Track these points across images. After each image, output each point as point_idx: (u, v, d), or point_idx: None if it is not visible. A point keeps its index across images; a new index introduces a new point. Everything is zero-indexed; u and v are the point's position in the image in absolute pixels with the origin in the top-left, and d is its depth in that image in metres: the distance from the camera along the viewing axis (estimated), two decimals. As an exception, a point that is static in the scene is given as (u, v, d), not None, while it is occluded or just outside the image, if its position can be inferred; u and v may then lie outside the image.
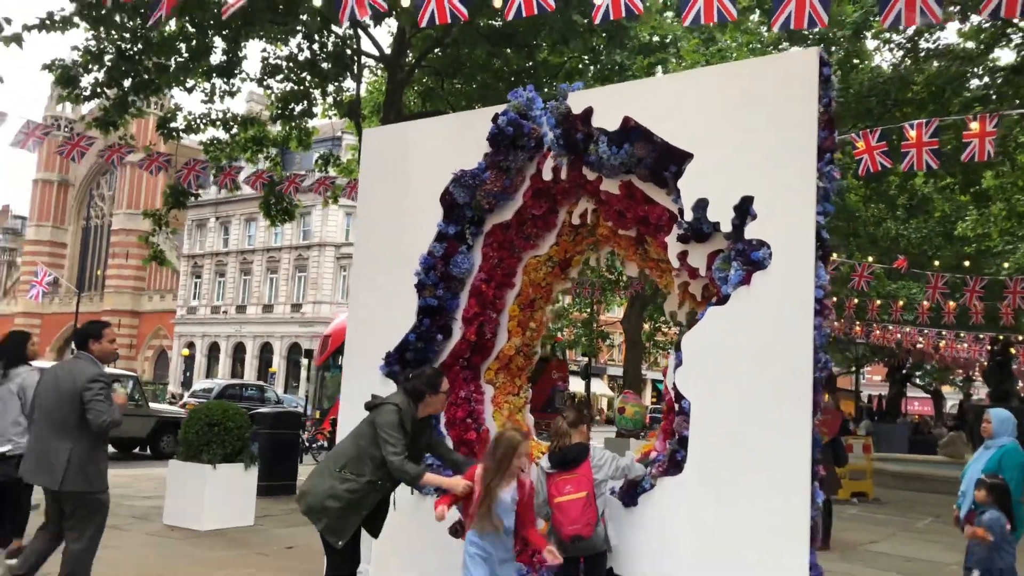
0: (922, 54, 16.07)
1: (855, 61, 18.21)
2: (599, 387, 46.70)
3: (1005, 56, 15.45)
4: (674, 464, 4.45)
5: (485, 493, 4.06)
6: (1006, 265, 19.00)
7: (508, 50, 13.77)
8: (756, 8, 16.20)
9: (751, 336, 4.24)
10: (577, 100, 5.04)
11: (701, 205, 4.48)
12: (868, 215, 22.16)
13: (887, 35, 17.43)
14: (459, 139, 5.53)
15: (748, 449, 4.16)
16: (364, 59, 14.62)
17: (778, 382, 4.14)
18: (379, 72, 16.70)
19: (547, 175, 5.30)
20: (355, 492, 4.36)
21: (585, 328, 27.10)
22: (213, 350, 49.97)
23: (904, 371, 39.13)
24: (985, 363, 21.15)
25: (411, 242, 5.58)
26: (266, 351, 47.24)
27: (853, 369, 38.21)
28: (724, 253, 4.47)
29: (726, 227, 4.40)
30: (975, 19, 15.02)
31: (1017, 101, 13.78)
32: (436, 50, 13.90)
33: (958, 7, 11.68)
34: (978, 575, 5.60)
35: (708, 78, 4.73)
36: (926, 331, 23.55)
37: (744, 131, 4.39)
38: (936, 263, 18.73)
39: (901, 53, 16.79)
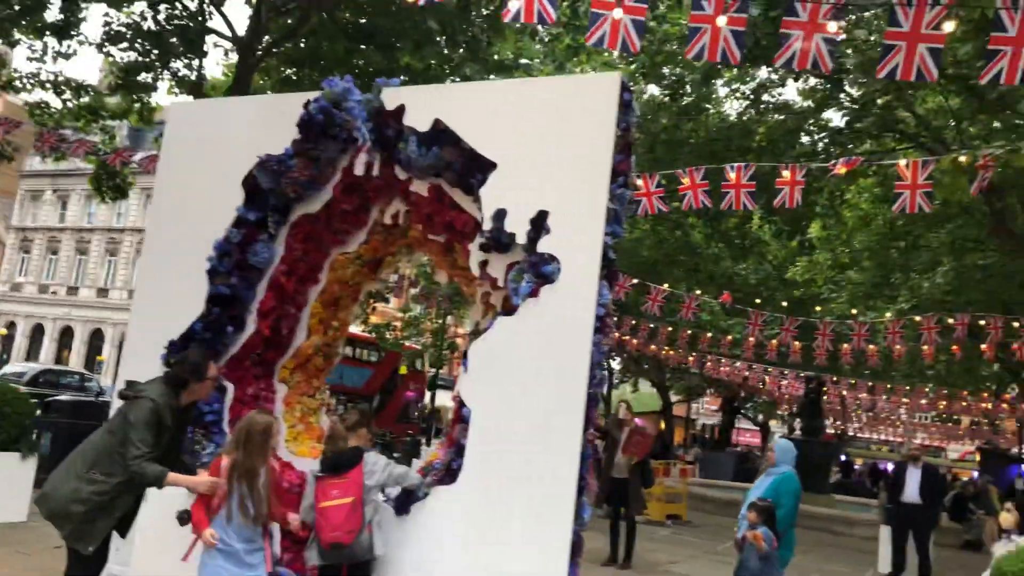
0: (763, 106, 17.08)
1: (706, 106, 19.19)
2: (446, 399, 46.64)
3: (835, 118, 16.63)
4: (450, 473, 4.39)
5: (244, 478, 3.87)
6: (818, 308, 20.36)
7: (369, 48, 13.56)
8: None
9: (533, 348, 4.25)
10: (391, 97, 4.94)
11: (500, 215, 4.47)
12: (708, 252, 23.30)
13: (736, 85, 18.46)
14: (270, 123, 5.30)
15: (520, 460, 4.16)
16: (217, 39, 14.02)
17: (553, 395, 4.16)
18: (232, 54, 16.05)
19: (359, 170, 5.16)
20: (103, 495, 4.04)
21: (434, 338, 26.97)
22: (37, 332, 46.36)
23: (735, 403, 41.35)
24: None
25: (209, 226, 5.29)
26: (96, 338, 44.28)
27: (683, 398, 39.88)
28: (519, 265, 4.47)
29: (522, 239, 4.41)
30: (812, 80, 16.15)
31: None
32: (293, 40, 13.51)
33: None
34: (749, 586, 5.87)
35: (517, 91, 4.75)
36: (753, 366, 24.85)
37: (545, 146, 4.42)
38: (757, 302, 19.80)
39: (746, 104, 17.80)
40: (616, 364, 40.02)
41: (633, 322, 20.89)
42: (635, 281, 16.03)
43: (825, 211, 20.09)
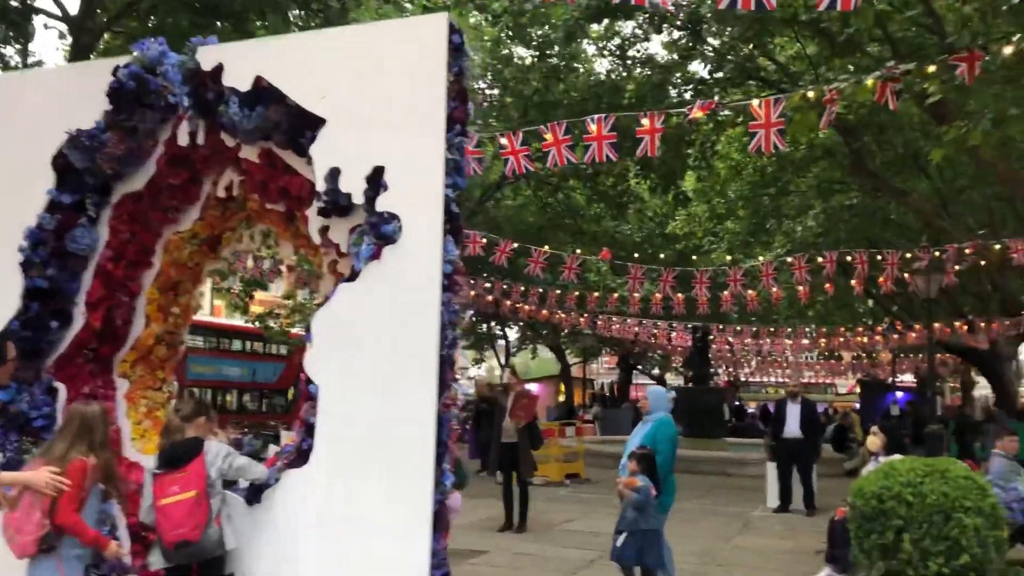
0: (629, 62, 17.18)
1: (575, 65, 19.19)
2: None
3: (700, 69, 16.89)
4: (301, 455, 4.11)
5: (105, 474, 3.57)
6: (694, 258, 20.82)
7: (215, 22, 12.80)
8: None
9: (380, 314, 4.01)
10: (208, 56, 4.54)
11: (333, 175, 4.18)
12: (590, 213, 23.49)
13: (603, 43, 18.51)
14: (80, 94, 4.81)
15: (374, 433, 3.92)
16: (47, 20, 12.97)
17: (404, 361, 3.94)
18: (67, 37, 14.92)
19: (183, 140, 4.75)
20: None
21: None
22: None
23: (631, 360, 42.26)
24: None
25: (18, 213, 4.77)
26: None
27: (580, 360, 40.51)
28: (359, 227, 4.20)
29: (359, 199, 4.13)
30: (676, 33, 16.33)
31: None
32: (131, 16, 12.63)
33: None
34: (625, 536, 5.85)
35: (340, 39, 4.45)
36: (643, 322, 25.29)
37: (375, 97, 4.15)
38: (636, 256, 20.06)
39: (613, 61, 17.88)
40: (513, 333, 40.22)
41: (523, 288, 20.89)
42: (515, 245, 15.90)
43: (697, 164, 20.48)
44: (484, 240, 13.78)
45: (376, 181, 4.09)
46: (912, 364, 34.35)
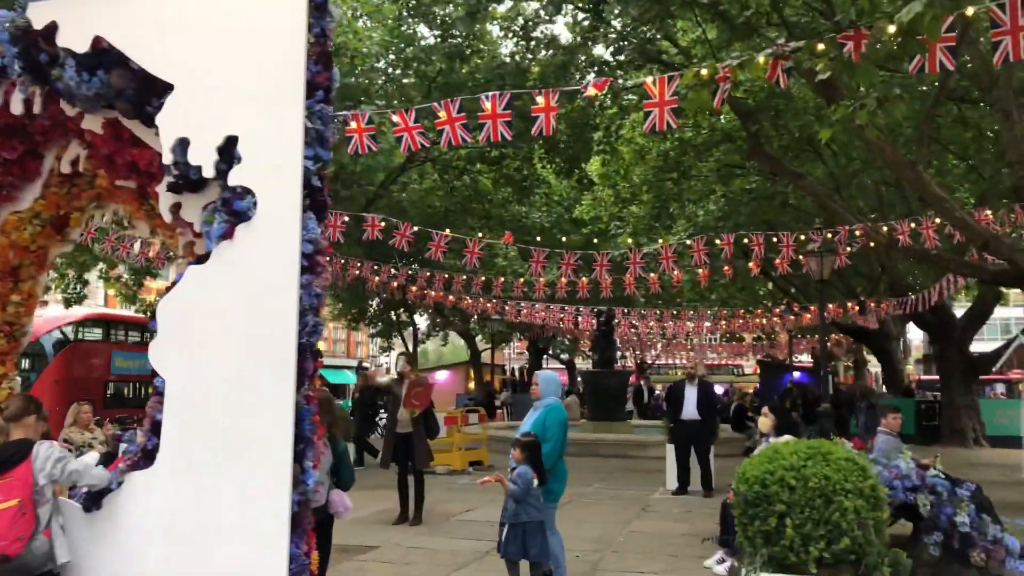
0: (533, 43, 16.97)
1: (480, 46, 18.87)
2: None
3: (603, 51, 16.82)
4: (146, 456, 3.72)
5: None
6: (595, 241, 20.87)
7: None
8: None
9: (232, 299, 3.65)
10: (40, 13, 4.05)
11: (182, 147, 3.78)
12: (497, 197, 23.24)
13: (506, 23, 18.24)
14: None
15: (226, 429, 3.57)
16: None
17: (258, 351, 3.59)
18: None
19: (16, 108, 4.25)
20: None
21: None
22: None
23: (540, 344, 42.42)
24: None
25: None
26: None
27: (490, 345, 40.44)
28: (211, 204, 3.82)
29: (211, 172, 3.75)
30: (579, 15, 16.20)
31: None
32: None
33: None
34: (507, 529, 5.66)
35: (189, -6, 4.02)
36: (551, 307, 25.27)
37: (228, 59, 3.77)
38: (538, 239, 19.98)
39: (517, 41, 17.61)
40: (423, 320, 39.75)
41: (428, 274, 20.53)
42: (416, 229, 15.49)
43: (602, 148, 20.50)
44: (383, 224, 13.34)
45: (229, 152, 3.72)
46: (809, 344, 35.63)
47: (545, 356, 47.81)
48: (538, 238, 19.15)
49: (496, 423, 25.38)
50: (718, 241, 14.71)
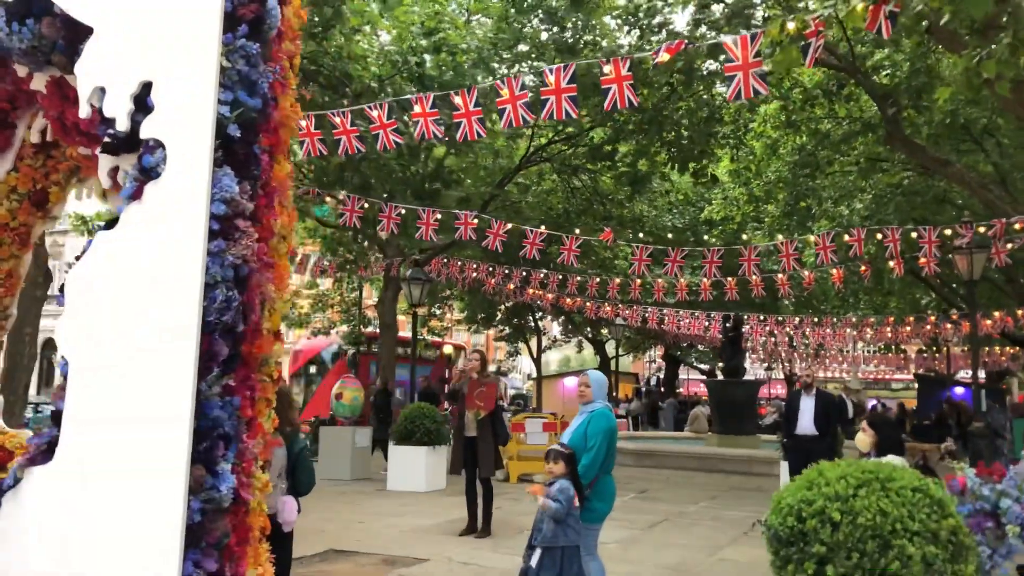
0: (647, 32, 15.98)
1: (596, 39, 18.06)
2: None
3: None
4: (48, 449, 3.25)
5: None
6: (709, 238, 19.44)
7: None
8: None
9: (135, 269, 3.12)
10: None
11: (98, 96, 3.30)
12: (620, 197, 22.28)
13: (622, 15, 17.33)
14: None
15: (122, 420, 3.04)
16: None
17: (160, 329, 3.04)
18: None
19: (-33, 72, 3.94)
20: None
21: (345, 314, 25.62)
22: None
23: (678, 353, 40.86)
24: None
25: None
26: None
27: (625, 352, 39.33)
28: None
29: (125, 124, 3.25)
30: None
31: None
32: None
33: None
34: (539, 555, 4.87)
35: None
36: (679, 312, 24.04)
37: (142, -8, 3.26)
38: (669, 236, 18.87)
39: (630, 30, 16.70)
40: (556, 326, 39.20)
41: (542, 273, 19.94)
42: (544, 233, 14.81)
43: (728, 142, 19.19)
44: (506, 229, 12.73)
45: (143, 100, 3.21)
46: (982, 356, 32.28)
47: (686, 366, 46.16)
48: (669, 235, 18.07)
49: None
50: (847, 237, 13.16)
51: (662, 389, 41.33)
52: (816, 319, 24.40)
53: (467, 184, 20.15)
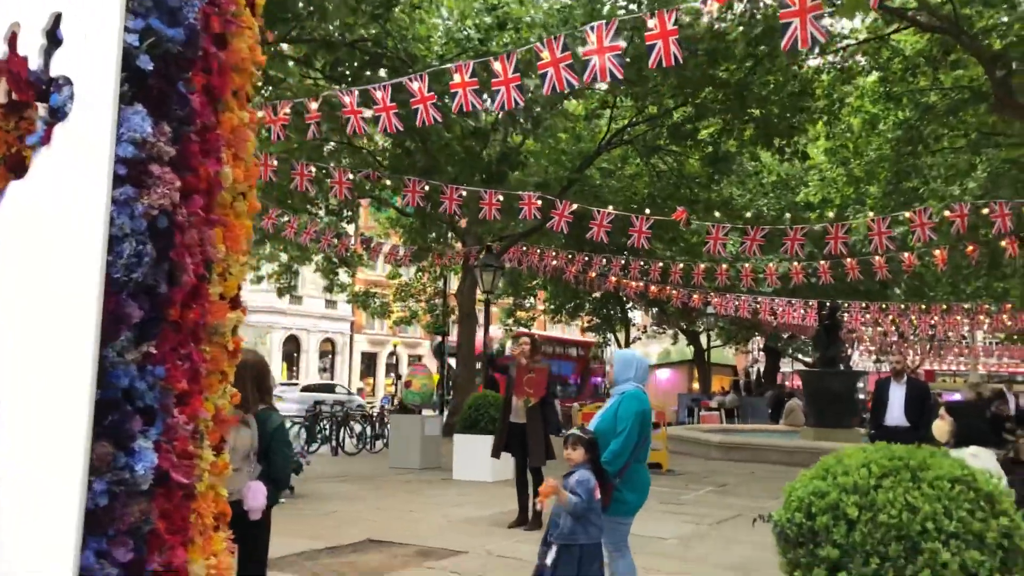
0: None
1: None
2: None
3: None
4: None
5: None
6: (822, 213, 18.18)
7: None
8: None
9: (38, 223, 2.80)
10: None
11: (11, 37, 3.00)
12: (700, 180, 21.24)
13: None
14: None
15: (18, 397, 2.72)
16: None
17: (63, 289, 2.70)
18: None
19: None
20: None
21: (428, 303, 25.54)
22: None
23: (778, 344, 39.20)
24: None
25: None
26: None
27: (722, 343, 38.06)
28: (45, 105, 3.01)
29: (37, 62, 2.94)
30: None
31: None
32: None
33: None
34: (555, 552, 4.35)
35: None
36: (759, 299, 22.77)
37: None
38: (747, 215, 17.81)
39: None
40: (644, 316, 38.22)
41: (622, 261, 19.26)
42: (612, 214, 14.07)
43: (819, 117, 17.97)
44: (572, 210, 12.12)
45: (54, 35, 2.88)
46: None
47: (784, 357, 44.30)
48: (748, 213, 17.11)
49: (705, 425, 23.47)
50: (947, 213, 11.97)
51: (762, 381, 39.80)
52: (924, 306, 22.73)
53: (543, 168, 19.67)
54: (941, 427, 5.10)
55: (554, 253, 19.52)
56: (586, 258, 19.23)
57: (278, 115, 9.80)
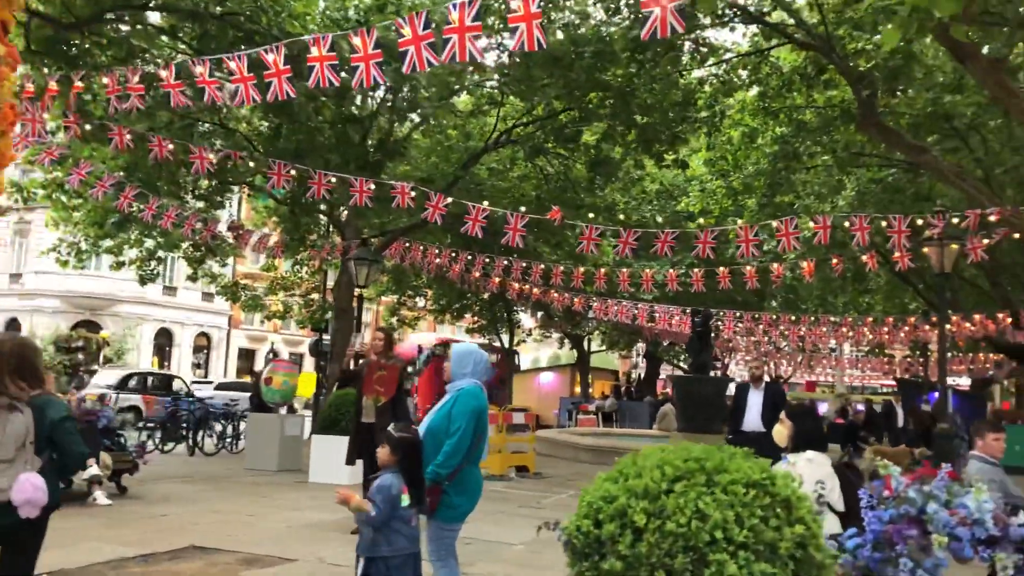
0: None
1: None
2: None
3: None
4: None
5: None
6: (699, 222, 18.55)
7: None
8: None
9: None
10: None
11: None
12: (584, 185, 21.30)
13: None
14: None
15: None
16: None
17: None
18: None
19: None
20: None
21: (305, 298, 24.59)
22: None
23: (658, 350, 39.90)
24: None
25: None
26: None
27: (603, 348, 38.53)
28: None
29: None
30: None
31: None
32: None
33: None
34: (363, 565, 3.98)
35: None
36: (641, 305, 23.08)
37: None
38: (620, 217, 17.91)
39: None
40: (530, 319, 38.18)
41: (505, 262, 19.01)
42: (486, 206, 13.73)
43: (701, 127, 18.24)
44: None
45: None
46: (964, 363, 31.46)
47: (664, 363, 45.19)
48: (621, 217, 17.19)
49: (582, 429, 23.58)
50: (812, 224, 12.28)
51: (642, 386, 40.51)
52: (793, 317, 23.52)
53: (433, 163, 19.26)
54: (780, 432, 5.00)
55: (437, 251, 19.10)
56: (469, 257, 18.90)
57: (127, 83, 9.07)
